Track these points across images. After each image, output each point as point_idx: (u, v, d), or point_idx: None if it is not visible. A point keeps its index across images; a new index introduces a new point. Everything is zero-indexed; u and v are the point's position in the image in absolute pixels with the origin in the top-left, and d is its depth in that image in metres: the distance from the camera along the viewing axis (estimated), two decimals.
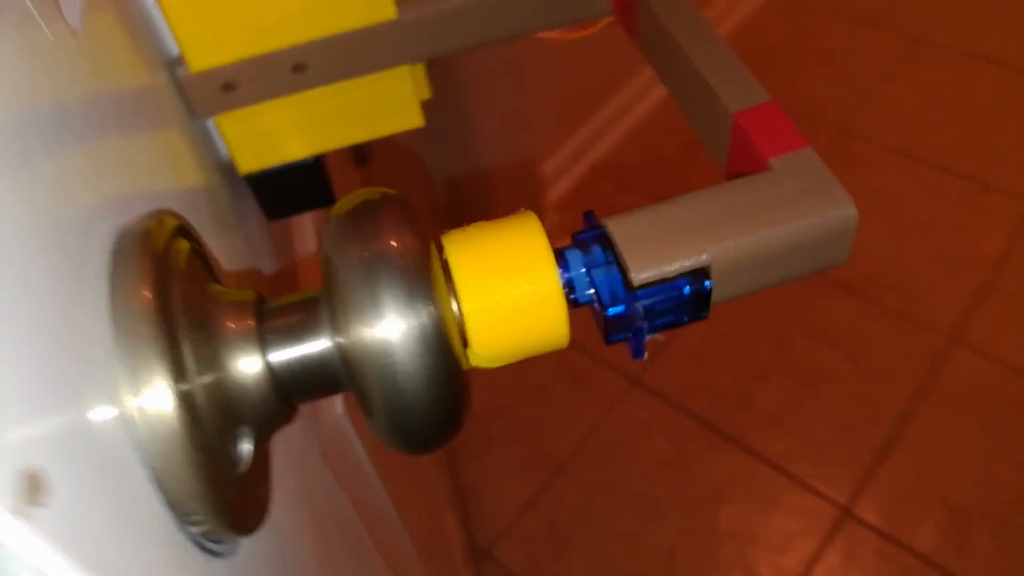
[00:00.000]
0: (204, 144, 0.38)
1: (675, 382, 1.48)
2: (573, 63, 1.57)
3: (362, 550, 0.49)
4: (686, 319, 0.26)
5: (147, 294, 0.22)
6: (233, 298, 0.26)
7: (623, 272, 0.26)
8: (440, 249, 0.27)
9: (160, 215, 0.25)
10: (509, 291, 0.25)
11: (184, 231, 0.26)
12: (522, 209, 0.27)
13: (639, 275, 0.25)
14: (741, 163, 0.30)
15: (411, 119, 0.39)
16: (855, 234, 0.27)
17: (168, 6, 0.33)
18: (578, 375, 1.52)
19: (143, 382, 0.21)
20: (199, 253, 0.27)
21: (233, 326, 0.25)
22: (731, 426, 1.43)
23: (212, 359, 0.24)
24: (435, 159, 1.41)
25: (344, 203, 0.26)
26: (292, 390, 0.25)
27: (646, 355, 0.26)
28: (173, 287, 0.23)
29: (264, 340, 0.25)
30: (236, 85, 0.36)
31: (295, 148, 0.38)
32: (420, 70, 0.39)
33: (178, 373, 0.22)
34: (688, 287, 0.26)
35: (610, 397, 1.48)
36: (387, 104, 0.38)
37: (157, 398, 0.21)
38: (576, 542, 1.34)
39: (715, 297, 0.27)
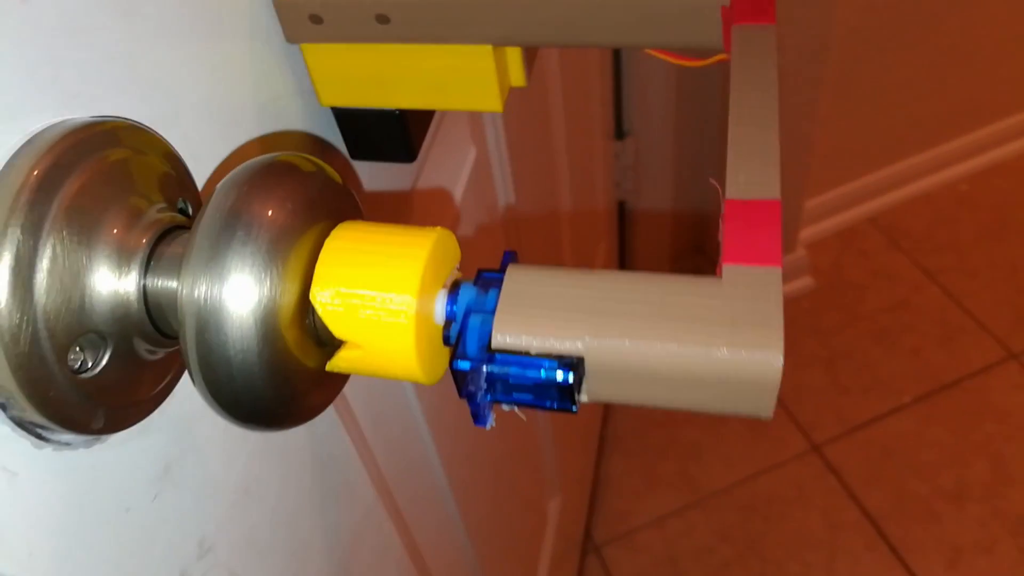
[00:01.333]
0: (299, 68, 0.39)
1: (859, 467, 1.34)
2: (885, 106, 1.43)
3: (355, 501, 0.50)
4: (549, 404, 0.23)
5: (35, 172, 0.24)
6: (145, 214, 0.26)
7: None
8: None
9: (117, 122, 0.27)
10: (364, 293, 0.24)
11: (142, 141, 0.28)
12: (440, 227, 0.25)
13: (498, 338, 0.23)
14: (718, 260, 0.26)
15: (489, 102, 0.38)
16: (776, 389, 0.22)
17: None
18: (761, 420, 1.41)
19: None
20: (168, 173, 0.28)
21: (119, 237, 0.25)
22: (901, 538, 1.27)
23: (80, 259, 0.25)
24: (685, 155, 1.36)
25: (274, 155, 0.26)
26: (158, 320, 0.26)
27: (488, 425, 0.23)
28: (75, 180, 0.24)
29: (148, 262, 0.26)
30: (322, 20, 0.36)
31: (372, 96, 0.38)
32: (515, 55, 0.37)
33: (29, 252, 0.23)
34: (548, 372, 0.23)
35: (783, 453, 1.38)
36: (466, 79, 0.37)
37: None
38: None
39: (587, 396, 0.23)
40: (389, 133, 0.41)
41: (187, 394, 0.31)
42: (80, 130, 0.25)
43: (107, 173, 0.26)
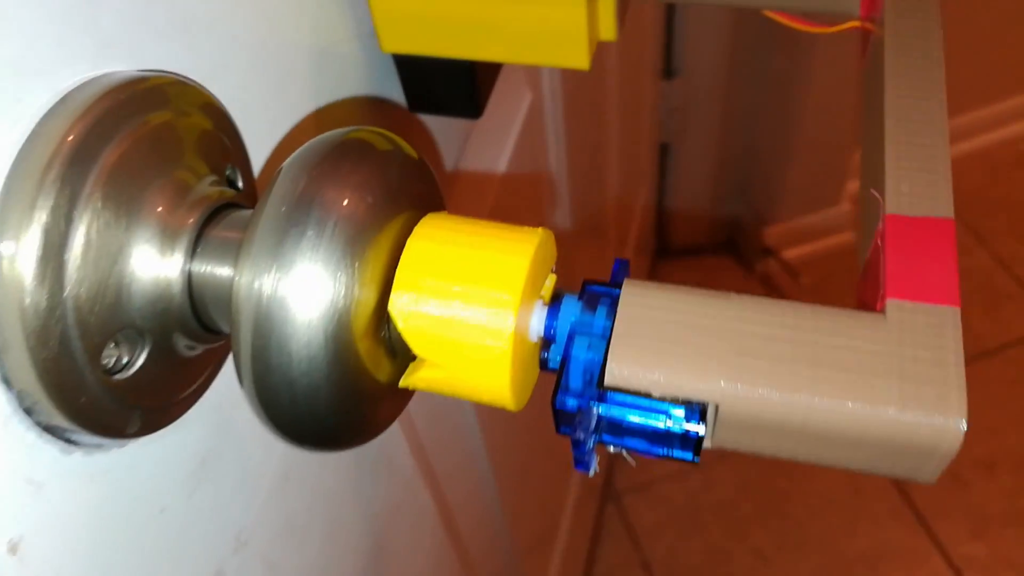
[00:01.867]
0: (360, 10, 0.35)
1: None
2: None
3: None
4: (665, 452, 0.20)
5: (69, 139, 0.20)
6: (192, 190, 0.23)
7: (605, 359, 0.19)
8: None
9: (162, 77, 0.23)
10: (453, 305, 0.20)
11: (193, 101, 0.24)
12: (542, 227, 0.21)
13: (614, 372, 0.19)
14: (869, 283, 0.22)
15: (575, 58, 0.33)
16: (950, 458, 0.18)
17: None
18: (883, 510, 1.28)
19: (12, 215, 0.19)
20: (215, 138, 0.24)
21: (163, 216, 0.22)
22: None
23: (119, 243, 0.21)
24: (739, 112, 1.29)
25: (346, 132, 0.22)
26: (201, 313, 0.22)
27: (592, 472, 0.20)
28: (114, 148, 0.21)
29: (196, 244, 0.22)
30: None
31: (440, 45, 0.34)
32: (608, 4, 0.33)
33: (59, 236, 0.19)
34: (674, 421, 0.19)
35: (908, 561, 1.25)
36: (552, 31, 0.32)
37: (22, 247, 0.19)
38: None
39: (713, 443, 0.20)
40: (456, 86, 0.37)
41: (225, 380, 0.28)
42: (120, 88, 0.21)
43: (150, 140, 0.22)
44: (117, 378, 0.22)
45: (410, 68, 0.37)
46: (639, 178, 1.26)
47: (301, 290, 0.20)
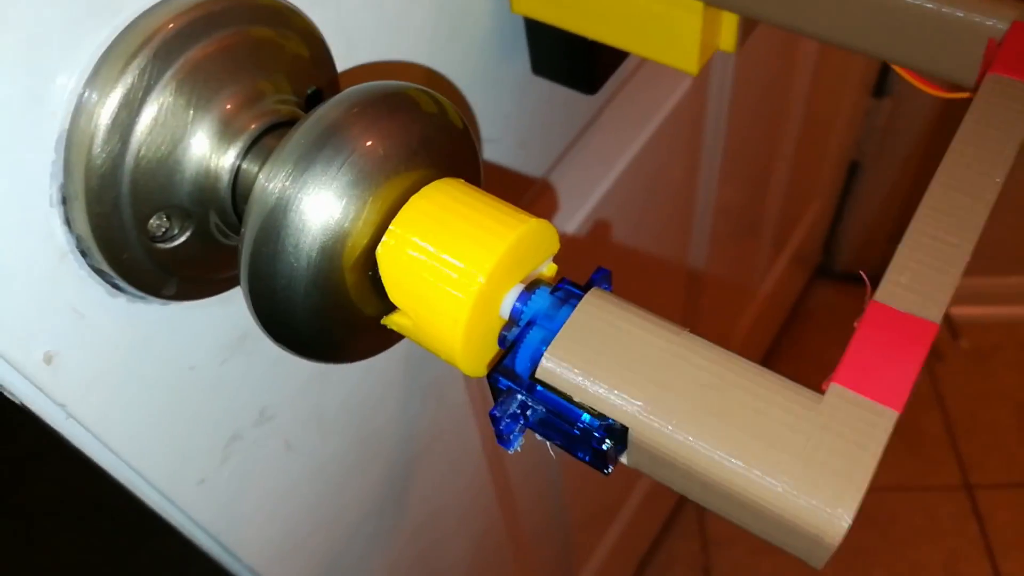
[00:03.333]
0: None
1: (1009, 524, 1.21)
2: None
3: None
4: (580, 456, 0.21)
5: (162, 32, 0.23)
6: (264, 100, 0.25)
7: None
8: None
9: None
10: (432, 261, 0.22)
11: (288, 23, 0.26)
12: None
13: (546, 367, 0.20)
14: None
15: (685, 60, 0.33)
16: (832, 551, 0.18)
17: None
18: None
19: (102, 78, 0.22)
20: (303, 57, 0.27)
21: (229, 114, 0.24)
22: None
23: (185, 125, 0.24)
24: None
25: (405, 86, 0.24)
26: (240, 206, 0.25)
27: (512, 449, 0.21)
28: (200, 50, 0.23)
29: (250, 148, 0.25)
30: None
31: (566, 16, 0.34)
32: (732, 17, 0.32)
33: (137, 104, 0.22)
34: (582, 427, 0.20)
35: (932, 478, 1.26)
36: (667, 30, 0.32)
37: (104, 105, 0.22)
38: None
39: (628, 461, 0.21)
40: (576, 59, 0.38)
41: None
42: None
43: (240, 48, 0.25)
44: (160, 246, 0.25)
45: (538, 32, 0.38)
46: (815, 189, 1.20)
47: (305, 204, 0.22)
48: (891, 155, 1.23)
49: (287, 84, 0.26)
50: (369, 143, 0.22)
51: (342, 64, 0.30)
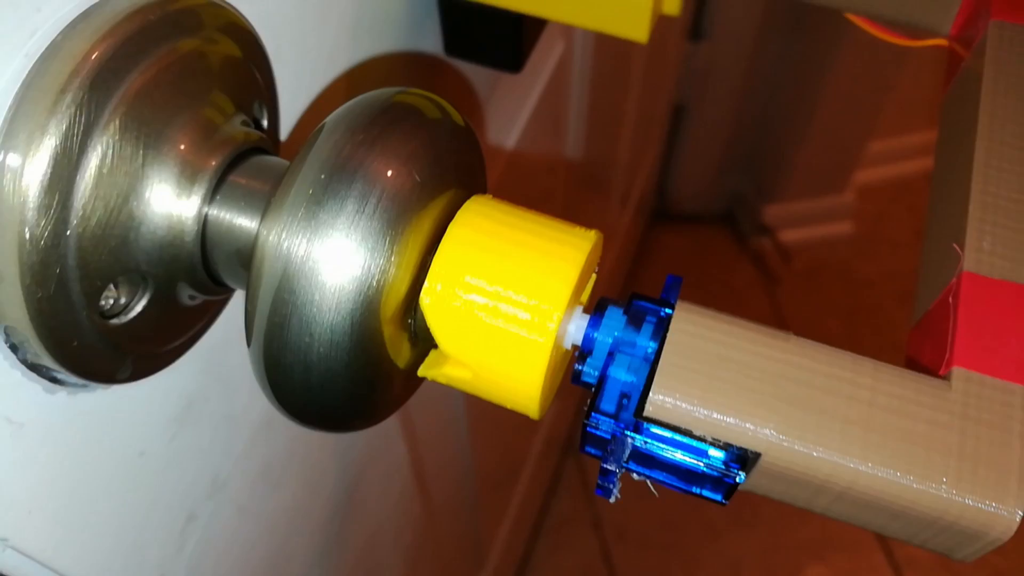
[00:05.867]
0: None
1: None
2: None
3: None
4: (696, 491, 0.19)
5: (96, 54, 0.18)
6: (218, 129, 0.21)
7: (646, 386, 0.18)
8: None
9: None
10: (493, 302, 0.18)
11: (233, 35, 0.21)
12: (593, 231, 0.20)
13: (656, 402, 0.18)
14: (930, 341, 0.20)
15: (635, 29, 0.31)
16: (997, 545, 0.17)
17: None
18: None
19: (24, 124, 0.17)
20: (242, 69, 0.22)
21: (184, 154, 0.20)
22: None
23: (133, 178, 0.19)
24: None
25: (393, 93, 0.20)
26: (211, 262, 0.21)
27: (613, 499, 0.19)
28: (139, 75, 0.19)
29: (216, 189, 0.20)
30: None
31: None
32: None
33: (76, 152, 0.17)
34: (713, 463, 0.18)
35: (852, 553, 1.25)
36: (617, 1, 0.30)
37: (34, 161, 0.17)
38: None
39: (747, 488, 0.19)
40: (501, 37, 0.35)
41: (219, 323, 0.26)
42: (151, 8, 0.19)
43: (178, 69, 0.20)
44: (113, 323, 0.20)
45: (453, 11, 0.34)
46: (651, 137, 1.23)
47: (334, 261, 0.18)
48: (711, 96, 1.28)
49: (231, 102, 0.22)
50: (393, 177, 0.18)
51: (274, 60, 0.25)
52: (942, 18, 0.27)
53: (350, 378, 0.18)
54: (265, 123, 0.24)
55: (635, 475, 0.19)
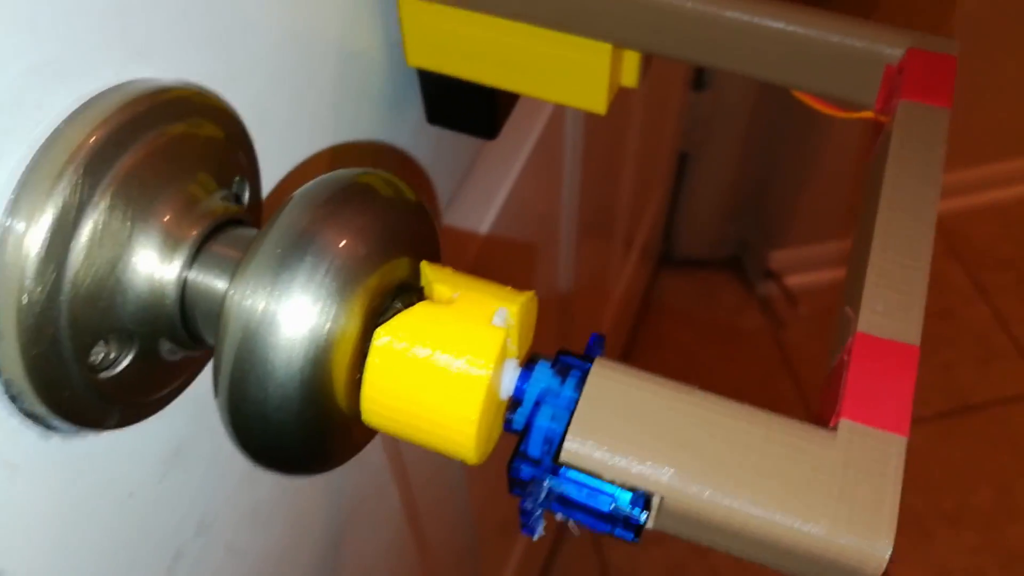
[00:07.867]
0: (390, 20, 0.35)
1: None
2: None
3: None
4: (608, 530, 0.21)
5: (91, 142, 0.21)
6: (200, 204, 0.23)
7: (564, 434, 0.20)
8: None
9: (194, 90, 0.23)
10: (429, 355, 0.21)
11: (217, 119, 0.24)
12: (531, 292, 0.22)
13: (571, 448, 0.20)
14: (829, 394, 0.22)
15: (594, 101, 0.34)
16: None
17: None
18: None
19: (28, 201, 0.20)
20: (225, 150, 0.25)
21: (168, 225, 0.22)
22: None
23: (121, 247, 0.22)
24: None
25: (355, 174, 0.23)
26: (189, 321, 0.23)
27: (536, 536, 0.21)
28: (129, 157, 0.21)
29: (195, 256, 0.23)
30: None
31: (466, 67, 0.34)
32: (634, 55, 0.33)
33: (71, 226, 0.20)
34: (619, 505, 0.20)
35: None
36: (575, 73, 0.33)
37: (34, 232, 0.20)
38: None
39: (653, 524, 0.21)
40: (476, 106, 0.38)
41: (208, 373, 0.29)
42: (141, 99, 0.22)
43: (165, 151, 0.23)
44: (102, 376, 0.23)
45: (433, 83, 0.37)
46: (654, 184, 1.26)
47: (287, 321, 0.20)
48: (716, 144, 1.31)
49: (213, 180, 0.25)
50: (344, 246, 0.21)
51: (258, 141, 0.28)
52: (868, 95, 0.29)
53: (302, 426, 0.21)
54: (247, 196, 0.27)
55: (558, 515, 0.21)
